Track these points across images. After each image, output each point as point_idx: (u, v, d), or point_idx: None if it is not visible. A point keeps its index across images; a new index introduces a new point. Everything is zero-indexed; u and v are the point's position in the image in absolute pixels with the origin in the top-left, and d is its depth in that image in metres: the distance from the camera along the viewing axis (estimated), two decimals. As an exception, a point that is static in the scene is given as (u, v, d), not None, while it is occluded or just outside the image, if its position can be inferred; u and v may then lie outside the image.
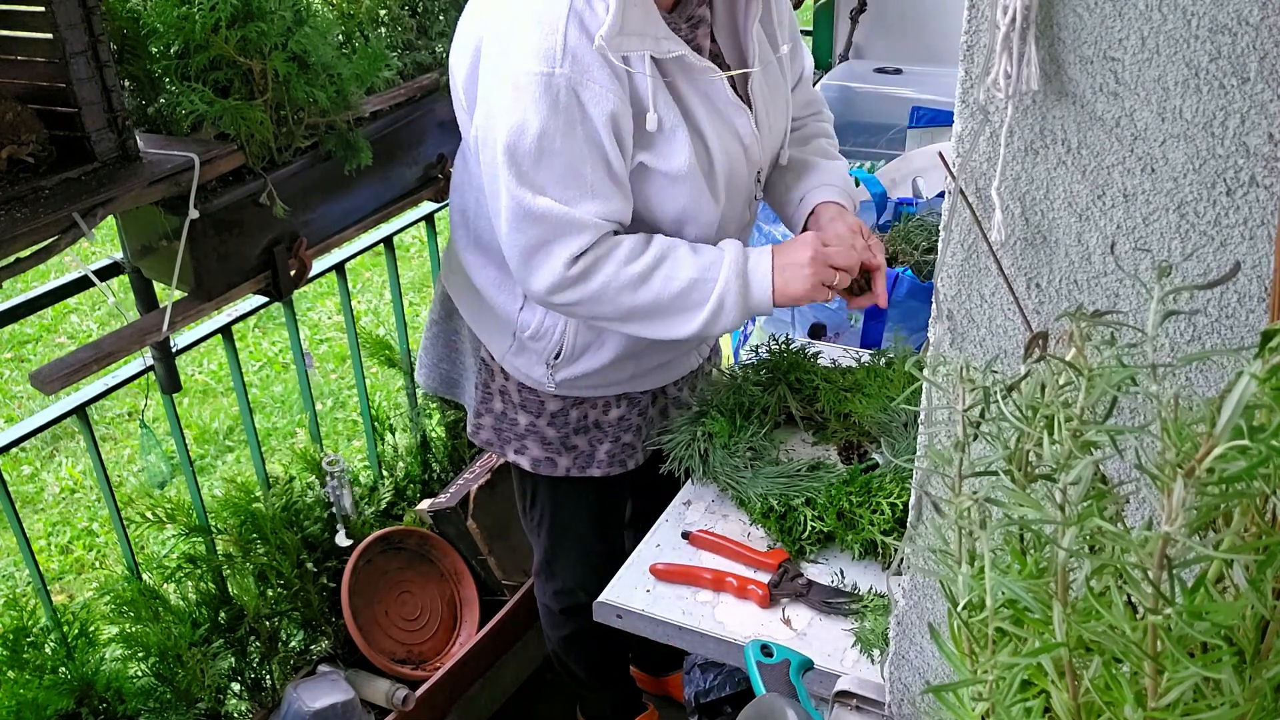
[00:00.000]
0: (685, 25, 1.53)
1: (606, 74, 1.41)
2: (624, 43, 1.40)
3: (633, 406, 1.82)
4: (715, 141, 1.53)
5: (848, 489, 1.55)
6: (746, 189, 1.64)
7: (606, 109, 1.42)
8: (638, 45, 1.41)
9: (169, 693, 1.90)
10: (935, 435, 0.93)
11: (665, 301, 1.51)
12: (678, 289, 1.50)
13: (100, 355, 1.52)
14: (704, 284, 1.51)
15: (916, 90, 3.10)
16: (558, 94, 1.39)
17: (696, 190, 1.53)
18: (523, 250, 1.49)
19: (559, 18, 1.39)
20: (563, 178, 1.43)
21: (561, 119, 1.40)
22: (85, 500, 3.32)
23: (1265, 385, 0.50)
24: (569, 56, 1.39)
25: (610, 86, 1.41)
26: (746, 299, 1.52)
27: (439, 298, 1.87)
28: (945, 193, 0.86)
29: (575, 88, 1.40)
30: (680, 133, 1.49)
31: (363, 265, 4.50)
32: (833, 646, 1.40)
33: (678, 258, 1.51)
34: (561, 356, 1.69)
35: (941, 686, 0.66)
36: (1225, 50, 0.72)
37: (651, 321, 1.54)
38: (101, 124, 1.40)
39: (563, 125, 1.40)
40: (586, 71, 1.40)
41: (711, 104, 1.52)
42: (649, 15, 1.42)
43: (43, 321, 4.17)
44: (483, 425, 1.86)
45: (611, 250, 1.49)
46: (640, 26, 1.41)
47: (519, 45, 1.41)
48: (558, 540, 1.97)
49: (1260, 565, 0.54)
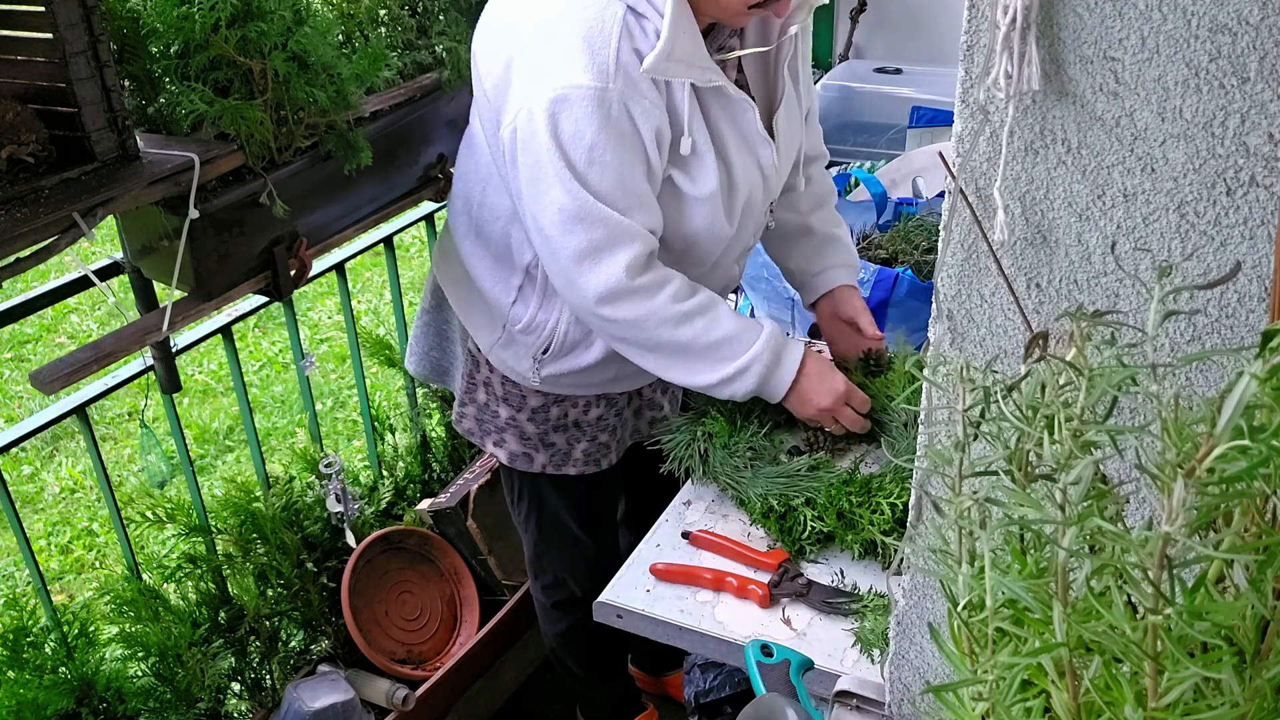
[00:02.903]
0: (715, 53, 1.56)
1: (654, 92, 1.45)
2: (670, 69, 1.43)
3: (610, 407, 1.84)
4: (740, 170, 1.57)
5: (848, 489, 1.55)
6: (758, 217, 1.70)
7: (653, 124, 1.46)
8: (683, 73, 1.44)
9: (169, 693, 1.90)
10: (935, 435, 0.93)
11: (698, 347, 1.55)
12: (713, 339, 1.55)
13: (100, 355, 1.51)
14: (739, 344, 1.56)
15: (916, 90, 3.10)
16: (610, 108, 1.42)
17: (715, 214, 1.58)
18: (576, 253, 1.49)
19: (611, 34, 1.41)
20: (613, 189, 1.46)
21: (614, 132, 1.43)
22: (85, 500, 3.32)
23: (1265, 385, 0.50)
24: (621, 72, 1.41)
25: (657, 103, 1.46)
26: (769, 376, 1.58)
27: (430, 288, 1.89)
28: (945, 193, 0.86)
29: (627, 103, 1.43)
30: (709, 158, 1.53)
31: (363, 265, 4.50)
32: (833, 646, 1.40)
33: (720, 312, 1.57)
34: (550, 352, 1.70)
35: (941, 686, 0.66)
36: (1225, 50, 0.72)
37: (676, 361, 1.58)
38: (101, 124, 1.40)
39: (614, 138, 1.43)
40: (636, 87, 1.43)
41: (741, 134, 1.56)
42: (696, 45, 1.45)
43: (43, 321, 4.17)
44: (465, 415, 1.88)
45: (667, 281, 1.53)
46: (687, 55, 1.44)
47: (568, 61, 1.41)
48: (544, 533, 1.99)
49: (1260, 565, 0.54)
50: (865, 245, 2.30)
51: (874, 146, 3.02)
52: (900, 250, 2.28)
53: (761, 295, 2.31)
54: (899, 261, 2.25)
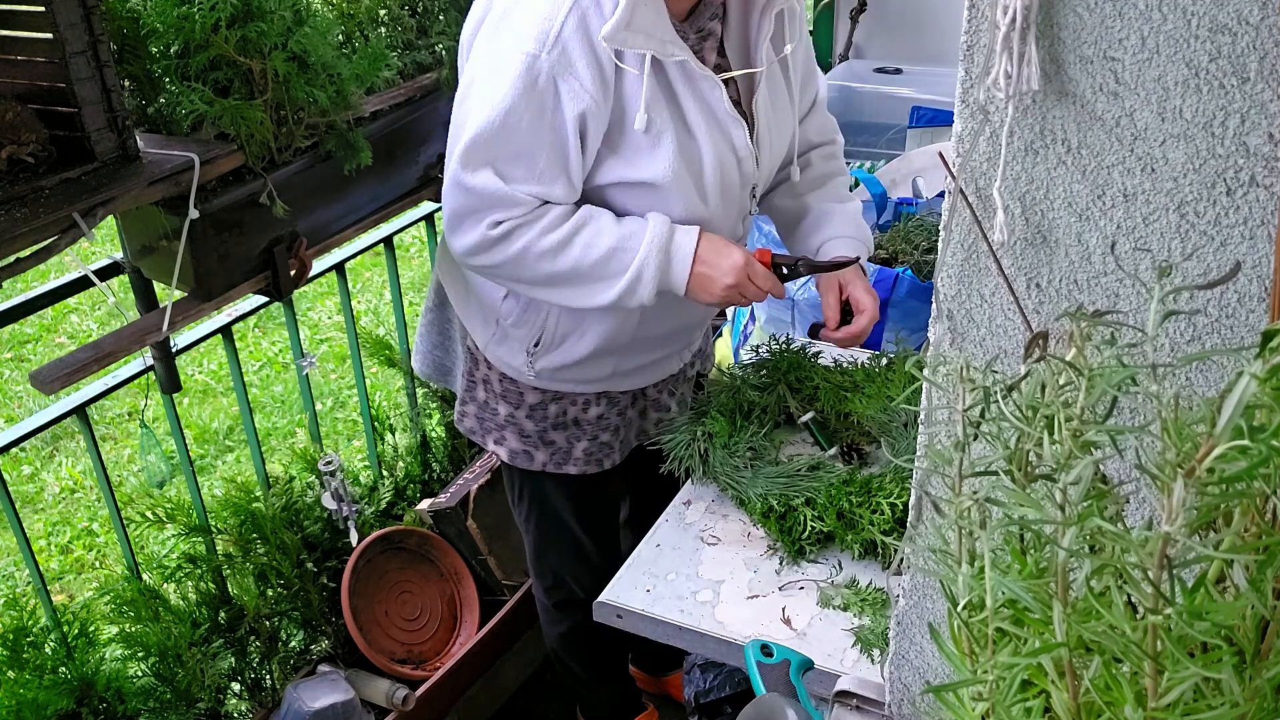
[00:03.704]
0: (694, 35, 1.54)
1: (592, 74, 1.43)
2: (628, 38, 1.41)
3: (612, 406, 1.83)
4: (709, 149, 1.54)
5: (848, 489, 1.55)
6: (739, 202, 1.65)
7: (579, 107, 1.44)
8: (642, 43, 1.43)
9: (169, 693, 1.90)
10: (935, 435, 0.93)
11: (584, 269, 1.52)
12: (596, 257, 1.52)
13: (100, 355, 1.51)
14: (623, 253, 1.52)
15: (916, 90, 3.10)
16: (537, 77, 1.42)
17: (684, 197, 1.54)
18: (452, 212, 1.53)
19: (562, 6, 1.42)
20: (514, 156, 1.46)
21: (534, 102, 1.43)
22: (85, 500, 3.32)
23: (1265, 385, 0.50)
24: (559, 45, 1.42)
25: (590, 87, 1.44)
26: (666, 274, 1.53)
27: (434, 286, 1.90)
28: (945, 193, 0.86)
29: (555, 76, 1.43)
30: (666, 138, 1.51)
31: (363, 265, 4.50)
32: (833, 646, 1.40)
33: (599, 226, 1.52)
34: (541, 344, 1.70)
35: (941, 686, 0.66)
36: (1225, 50, 0.72)
37: (570, 288, 1.56)
38: (101, 124, 1.40)
39: (533, 108, 1.44)
40: (571, 66, 1.42)
41: (710, 112, 1.54)
42: (659, 17, 1.44)
43: (43, 321, 4.17)
44: (466, 413, 1.89)
45: (538, 217, 1.51)
46: (647, 26, 1.42)
47: (517, 22, 1.44)
48: (546, 533, 1.99)
49: (1260, 565, 0.54)
50: (865, 245, 2.30)
51: (874, 146, 3.02)
52: (900, 250, 2.28)
53: (761, 295, 2.31)
54: (899, 261, 2.25)
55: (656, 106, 1.49)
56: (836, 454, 1.71)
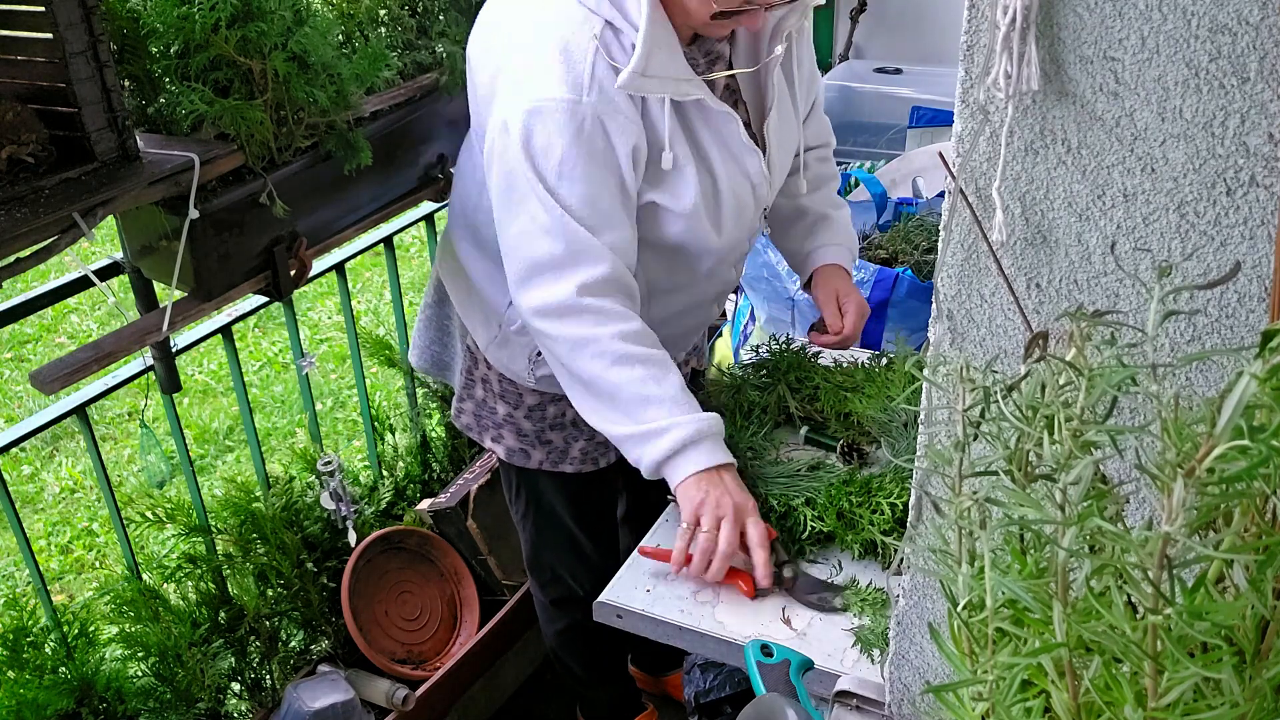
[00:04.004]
0: (703, 60, 1.54)
1: (630, 107, 1.43)
2: (645, 85, 1.41)
3: None
4: (725, 181, 1.55)
5: (848, 489, 1.55)
6: (751, 224, 1.67)
7: (630, 141, 1.43)
8: (657, 89, 1.42)
9: (169, 693, 1.90)
10: (935, 435, 0.93)
11: (627, 396, 1.48)
12: (644, 394, 1.47)
13: (100, 355, 1.51)
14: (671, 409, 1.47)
15: (916, 90, 3.10)
16: (583, 122, 1.40)
17: (700, 225, 1.55)
18: (533, 263, 1.47)
19: (588, 49, 1.40)
20: (581, 205, 1.44)
21: (585, 147, 1.41)
22: (85, 500, 3.32)
23: (1265, 385, 0.50)
24: (596, 86, 1.40)
25: (633, 119, 1.43)
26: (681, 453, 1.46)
27: (433, 282, 1.89)
28: (945, 193, 0.86)
29: (601, 118, 1.41)
30: (689, 170, 1.51)
31: (363, 265, 4.50)
32: (833, 646, 1.40)
33: (668, 376, 1.48)
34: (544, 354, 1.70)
35: (941, 686, 0.66)
36: (1225, 50, 0.72)
37: (593, 399, 1.52)
38: (101, 124, 1.40)
39: (585, 153, 1.41)
40: (612, 103, 1.41)
41: (725, 145, 1.54)
42: (673, 58, 1.43)
43: (43, 321, 4.17)
44: (464, 410, 1.89)
45: (622, 317, 1.48)
46: (662, 69, 1.42)
47: (544, 74, 1.41)
48: (542, 530, 1.99)
49: (1260, 565, 0.54)
50: (865, 245, 2.30)
51: (874, 146, 3.02)
52: (900, 250, 2.28)
53: (761, 295, 2.31)
54: (899, 261, 2.25)
55: (678, 141, 1.49)
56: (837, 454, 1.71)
